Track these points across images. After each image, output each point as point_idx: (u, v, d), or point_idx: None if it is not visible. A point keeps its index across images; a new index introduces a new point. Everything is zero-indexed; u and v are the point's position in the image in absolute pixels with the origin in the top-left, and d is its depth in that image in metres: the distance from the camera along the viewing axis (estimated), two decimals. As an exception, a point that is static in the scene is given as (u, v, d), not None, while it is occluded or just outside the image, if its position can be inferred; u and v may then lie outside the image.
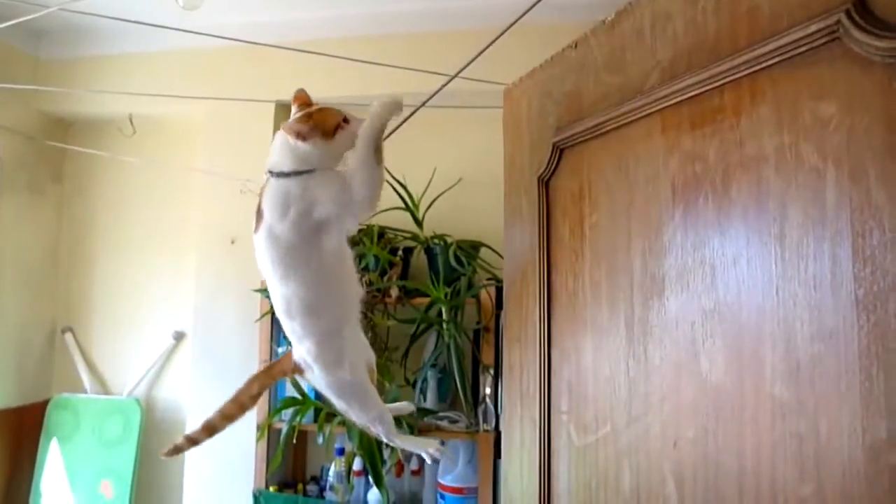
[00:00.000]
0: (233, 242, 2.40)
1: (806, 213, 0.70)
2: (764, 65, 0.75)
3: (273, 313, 2.12)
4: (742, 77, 0.79)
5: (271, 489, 2.22)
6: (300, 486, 2.38)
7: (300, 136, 0.98)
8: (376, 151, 0.97)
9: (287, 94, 1.09)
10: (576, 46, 1.14)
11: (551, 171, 1.19)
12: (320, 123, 0.98)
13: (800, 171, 0.71)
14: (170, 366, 2.74)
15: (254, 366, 2.24)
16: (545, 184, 1.21)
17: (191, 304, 2.52)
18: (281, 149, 1.00)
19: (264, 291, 2.28)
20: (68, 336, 2.82)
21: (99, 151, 2.58)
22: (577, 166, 1.13)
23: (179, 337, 2.74)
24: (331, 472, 2.16)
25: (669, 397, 0.89)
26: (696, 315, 0.84)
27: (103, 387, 2.77)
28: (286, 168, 0.99)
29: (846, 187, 0.66)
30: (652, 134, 0.94)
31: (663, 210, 0.91)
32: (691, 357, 0.85)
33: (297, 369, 1.12)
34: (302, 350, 1.09)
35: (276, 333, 2.31)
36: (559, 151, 1.17)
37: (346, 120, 1.00)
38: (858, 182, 0.65)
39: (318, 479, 2.42)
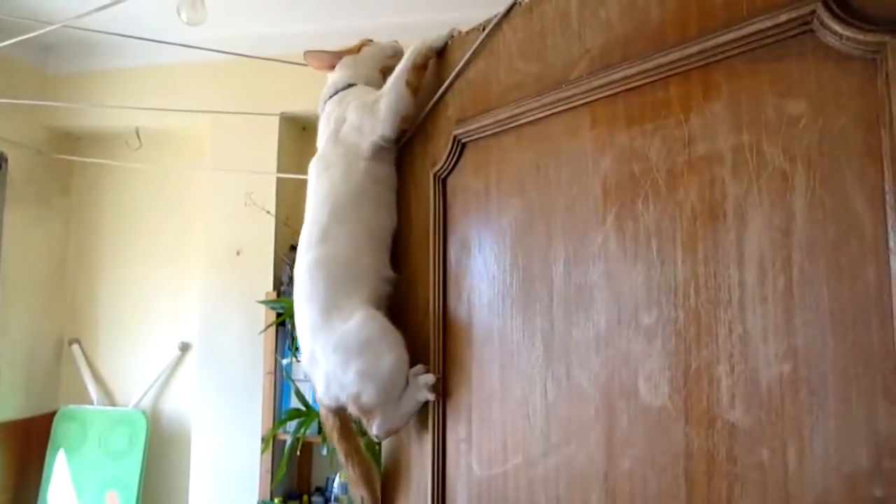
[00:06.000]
0: (238, 254, 2.43)
1: (770, 221, 0.64)
2: (720, 57, 0.69)
3: (276, 325, 2.24)
4: (692, 69, 0.72)
5: (276, 500, 2.27)
6: (305, 498, 2.41)
7: (331, 65, 1.23)
8: (408, 82, 1.08)
9: (292, 107, 1.37)
10: (483, 30, 1.02)
11: (450, 166, 1.06)
12: (345, 48, 1.25)
13: (762, 173, 0.65)
14: (175, 377, 2.78)
15: (259, 377, 2.37)
16: (442, 181, 1.07)
17: (196, 316, 2.56)
18: (326, 87, 1.22)
19: (269, 303, 2.29)
20: (75, 348, 2.86)
21: (105, 161, 2.66)
22: (483, 162, 1.01)
23: (185, 348, 2.77)
24: (335, 484, 2.17)
25: (598, 424, 0.79)
26: (633, 331, 0.76)
27: (110, 398, 2.83)
28: (328, 94, 1.21)
29: (818, 192, 0.61)
30: (579, 129, 0.85)
31: (592, 214, 0.82)
32: (626, 378, 0.76)
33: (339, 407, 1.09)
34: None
35: (281, 345, 2.35)
36: (461, 146, 1.04)
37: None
38: (833, 187, 0.60)
39: (323, 491, 2.42)
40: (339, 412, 1.09)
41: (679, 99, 0.73)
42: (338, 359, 1.03)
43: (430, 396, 1.00)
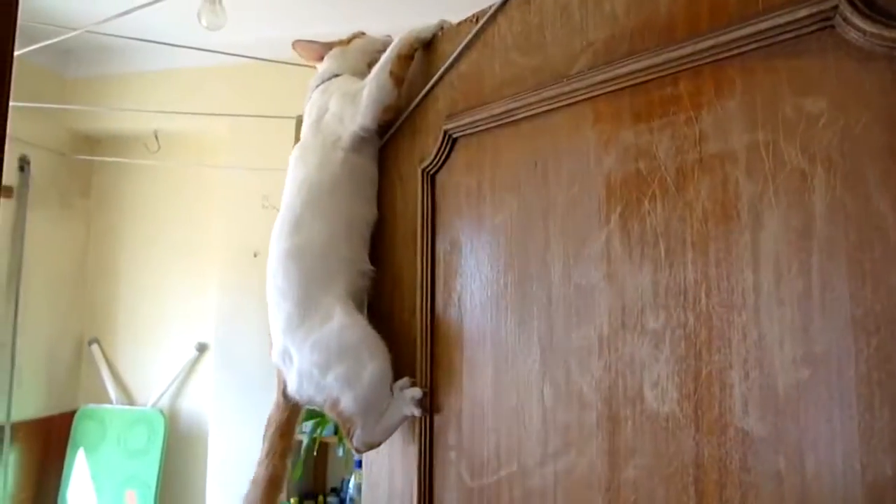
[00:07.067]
0: (255, 255, 2.46)
1: (787, 222, 0.62)
2: (734, 52, 0.67)
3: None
4: (703, 65, 0.69)
5: (292, 500, 2.27)
6: (321, 498, 2.45)
7: (320, 56, 1.19)
8: (392, 72, 1.03)
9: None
10: (476, 21, 0.98)
11: (440, 162, 1.02)
12: (335, 40, 1.21)
13: (779, 173, 0.63)
14: (193, 377, 2.82)
15: (275, 378, 2.18)
16: (431, 177, 1.03)
17: (213, 317, 2.60)
18: (313, 78, 1.18)
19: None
20: (95, 348, 2.91)
21: (124, 160, 2.71)
22: (475, 158, 0.97)
23: (202, 348, 2.81)
24: (351, 485, 2.18)
25: (600, 431, 0.76)
26: (639, 334, 0.73)
27: (128, 398, 2.87)
28: (314, 84, 1.16)
29: (839, 193, 0.59)
30: (580, 125, 0.82)
31: (594, 213, 0.79)
32: (631, 384, 0.73)
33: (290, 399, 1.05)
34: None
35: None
36: (451, 141, 1.00)
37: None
38: (854, 187, 0.58)
39: (339, 491, 2.47)
40: (292, 410, 1.06)
41: (689, 95, 0.71)
42: (315, 360, 0.98)
43: (417, 412, 0.95)
